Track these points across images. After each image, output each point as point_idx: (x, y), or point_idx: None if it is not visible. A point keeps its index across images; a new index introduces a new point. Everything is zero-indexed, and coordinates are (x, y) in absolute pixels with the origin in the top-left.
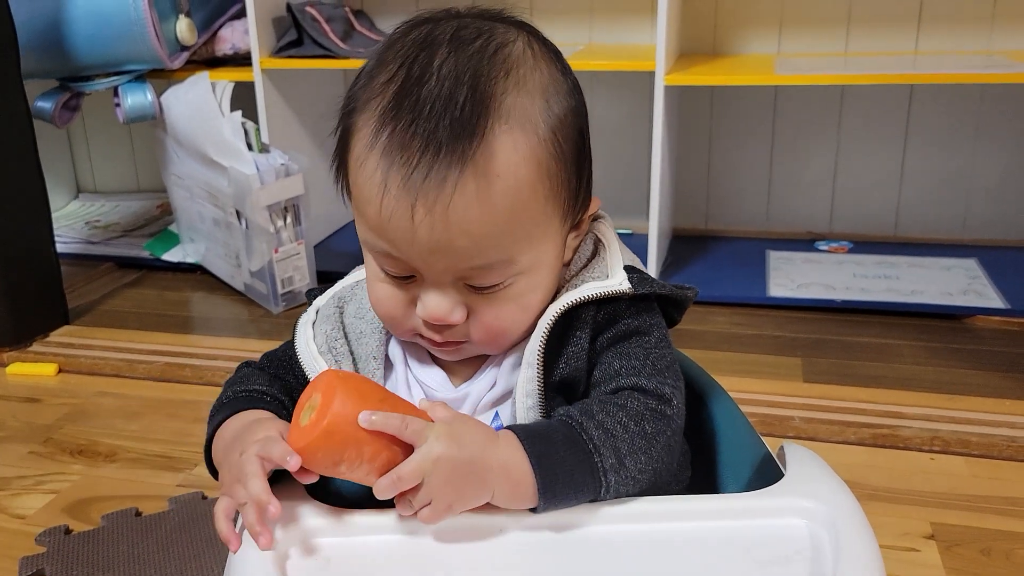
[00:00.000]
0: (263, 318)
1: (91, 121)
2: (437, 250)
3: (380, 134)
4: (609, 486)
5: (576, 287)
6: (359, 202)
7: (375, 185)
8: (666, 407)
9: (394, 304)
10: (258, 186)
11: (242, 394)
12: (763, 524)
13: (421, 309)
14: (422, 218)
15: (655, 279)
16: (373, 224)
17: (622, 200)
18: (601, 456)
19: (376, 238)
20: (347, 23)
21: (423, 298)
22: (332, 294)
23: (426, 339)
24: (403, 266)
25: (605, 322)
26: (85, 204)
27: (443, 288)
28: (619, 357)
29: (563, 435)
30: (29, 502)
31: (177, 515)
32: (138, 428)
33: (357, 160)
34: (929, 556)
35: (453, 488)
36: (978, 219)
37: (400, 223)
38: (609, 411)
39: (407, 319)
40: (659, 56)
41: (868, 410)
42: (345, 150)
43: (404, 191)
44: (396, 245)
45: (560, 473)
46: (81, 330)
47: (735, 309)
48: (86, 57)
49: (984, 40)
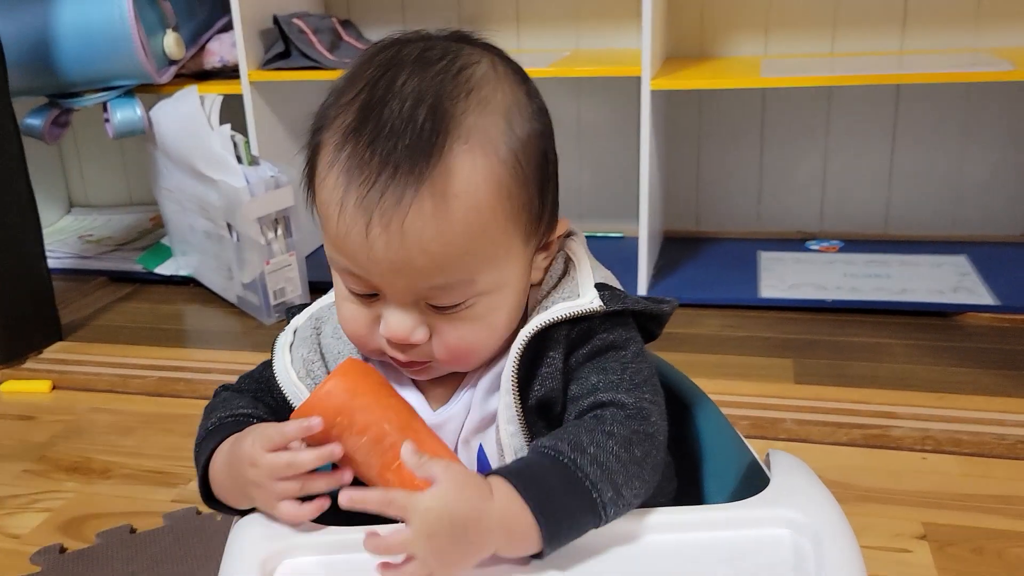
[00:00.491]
0: (256, 330)
1: (83, 136)
2: (395, 268)
3: (341, 152)
4: (609, 517)
5: (546, 308)
6: (322, 218)
7: (334, 202)
8: (647, 425)
9: (359, 323)
10: (248, 198)
11: (228, 419)
12: (746, 535)
13: (383, 328)
14: (378, 235)
15: (628, 295)
16: (333, 240)
17: (613, 204)
18: (599, 492)
19: (337, 254)
20: (334, 34)
21: (385, 317)
22: (310, 314)
23: (392, 358)
24: (365, 283)
25: (579, 339)
26: (78, 218)
27: (405, 307)
28: (596, 372)
29: (559, 477)
30: (24, 521)
31: (171, 531)
32: (132, 444)
33: (320, 176)
34: (921, 556)
35: (450, 559)
36: (967, 216)
37: (357, 239)
38: (598, 441)
39: (372, 338)
40: (645, 61)
41: (860, 411)
42: (312, 167)
43: (360, 208)
44: (355, 262)
45: (563, 519)
46: (75, 346)
47: (726, 311)
48: (74, 73)
49: (969, 38)
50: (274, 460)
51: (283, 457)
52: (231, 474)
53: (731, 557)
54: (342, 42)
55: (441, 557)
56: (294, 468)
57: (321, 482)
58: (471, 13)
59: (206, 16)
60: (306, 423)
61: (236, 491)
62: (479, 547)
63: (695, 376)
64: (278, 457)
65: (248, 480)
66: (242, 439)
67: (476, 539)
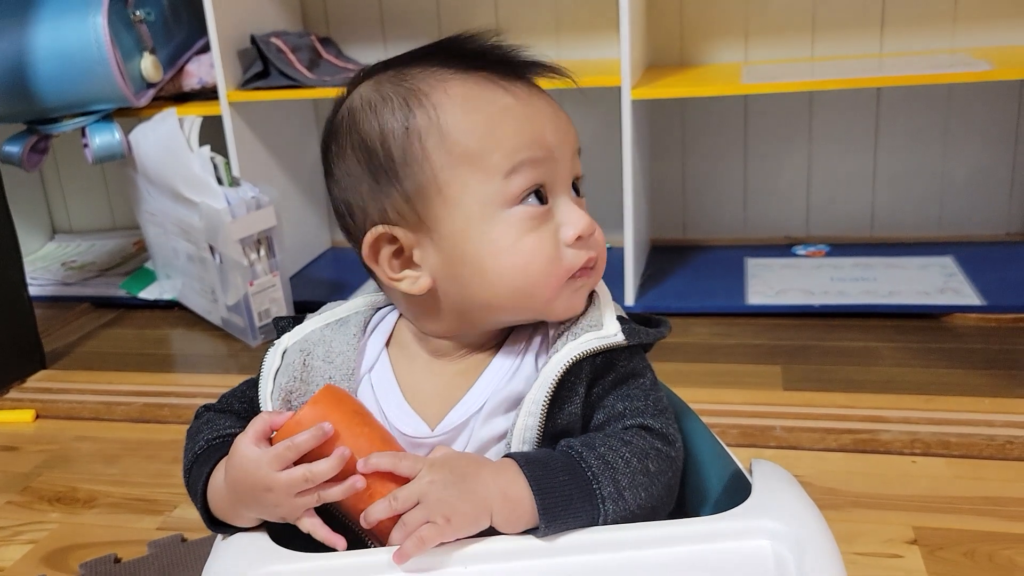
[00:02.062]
0: (242, 352)
1: (64, 162)
2: (566, 130)
3: (468, 79)
4: (607, 515)
5: (576, 336)
6: (482, 133)
7: (501, 104)
8: (670, 448)
9: (545, 251)
10: (229, 220)
11: (217, 441)
12: (728, 547)
13: (569, 227)
14: (556, 111)
15: (640, 328)
16: (514, 139)
17: (598, 214)
18: (599, 484)
19: (516, 153)
20: (313, 52)
21: (564, 218)
22: (302, 337)
23: (579, 272)
24: (545, 168)
25: (602, 367)
26: (61, 245)
27: (569, 200)
28: (621, 399)
29: (562, 463)
30: (7, 554)
31: (156, 560)
32: (117, 472)
33: (457, 114)
34: (913, 561)
35: (449, 505)
36: (952, 216)
37: (547, 113)
38: (611, 445)
39: (558, 261)
40: (624, 70)
41: (848, 416)
42: (431, 119)
43: (532, 94)
44: (542, 140)
45: (559, 497)
46: (58, 374)
47: (714, 319)
48: (51, 99)
49: (947, 39)
50: (290, 477)
51: (298, 472)
52: (235, 496)
53: (713, 570)
54: (321, 60)
55: (439, 503)
56: (311, 481)
57: (337, 489)
58: (451, 28)
59: (183, 38)
60: (319, 429)
61: (241, 512)
62: (476, 501)
63: (684, 386)
64: (292, 474)
65: (267, 503)
66: (236, 462)
67: (475, 490)
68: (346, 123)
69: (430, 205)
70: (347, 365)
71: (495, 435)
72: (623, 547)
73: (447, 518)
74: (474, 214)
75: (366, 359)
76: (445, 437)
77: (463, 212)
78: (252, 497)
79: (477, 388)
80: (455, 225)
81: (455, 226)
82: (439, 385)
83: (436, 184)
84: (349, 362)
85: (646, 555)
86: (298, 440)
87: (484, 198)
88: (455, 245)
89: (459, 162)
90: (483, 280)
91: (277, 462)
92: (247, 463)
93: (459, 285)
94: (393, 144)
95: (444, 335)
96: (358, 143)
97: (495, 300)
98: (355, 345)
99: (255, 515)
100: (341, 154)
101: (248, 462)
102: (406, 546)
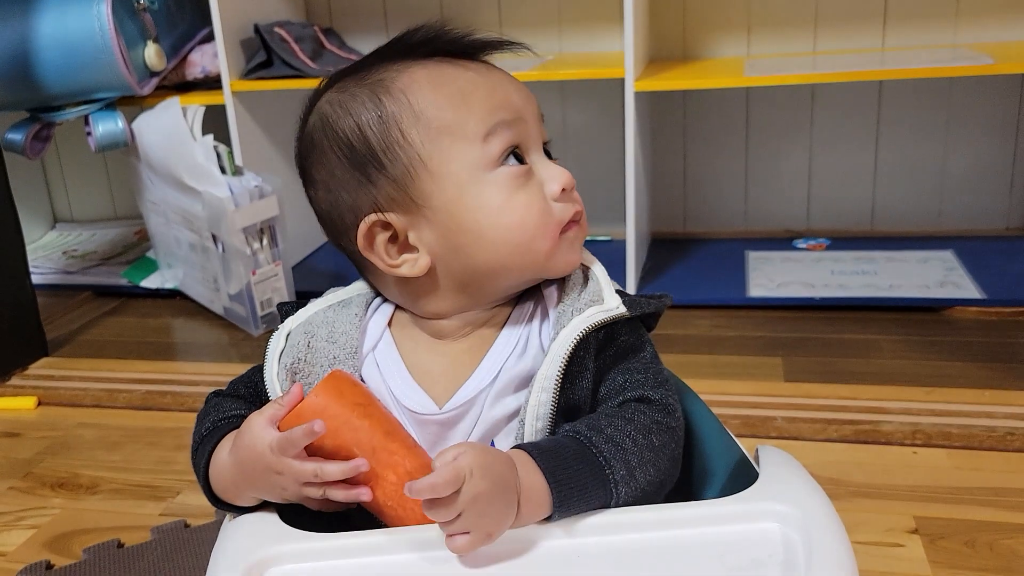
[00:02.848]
0: (243, 341)
1: (66, 150)
2: (528, 95)
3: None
4: (620, 497)
5: (580, 311)
6: (459, 110)
7: (469, 82)
8: (670, 419)
9: (535, 207)
10: (232, 209)
11: (222, 422)
12: (736, 529)
13: (552, 181)
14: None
15: (638, 298)
16: (488, 107)
17: (600, 207)
18: (612, 468)
19: (491, 117)
20: (316, 42)
21: (546, 173)
22: (305, 319)
23: (570, 223)
24: (518, 129)
25: (605, 342)
26: (63, 234)
27: (544, 157)
28: (622, 373)
29: (573, 450)
30: (10, 538)
31: (160, 545)
32: (119, 458)
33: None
34: (914, 551)
35: (491, 518)
36: (953, 210)
37: (508, 86)
38: (617, 425)
39: (549, 214)
40: (628, 63)
41: (849, 407)
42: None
43: (490, 71)
44: (511, 103)
45: (574, 487)
46: (60, 361)
47: (716, 311)
48: (55, 87)
49: (949, 34)
50: (301, 468)
51: (309, 468)
52: (242, 475)
53: (721, 552)
54: (324, 50)
55: (488, 522)
56: (320, 478)
57: (341, 492)
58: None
59: (187, 27)
60: (310, 427)
61: (247, 490)
62: (511, 508)
63: (686, 377)
64: (304, 466)
65: (275, 484)
66: (247, 442)
67: (510, 499)
68: (320, 129)
69: (419, 182)
70: (350, 344)
71: (507, 414)
72: (631, 529)
73: (489, 534)
74: (463, 180)
75: (369, 337)
76: (453, 414)
77: (452, 181)
78: (261, 476)
79: (485, 365)
80: (446, 195)
81: (447, 196)
82: (445, 364)
83: (420, 161)
84: (352, 341)
85: (655, 537)
86: (293, 435)
87: (468, 164)
88: (451, 215)
89: (438, 135)
90: (484, 243)
91: (280, 448)
92: (258, 444)
93: (461, 255)
94: (371, 135)
95: (446, 314)
96: (337, 143)
97: (498, 262)
98: (357, 324)
99: (259, 495)
100: (321, 159)
101: (260, 442)
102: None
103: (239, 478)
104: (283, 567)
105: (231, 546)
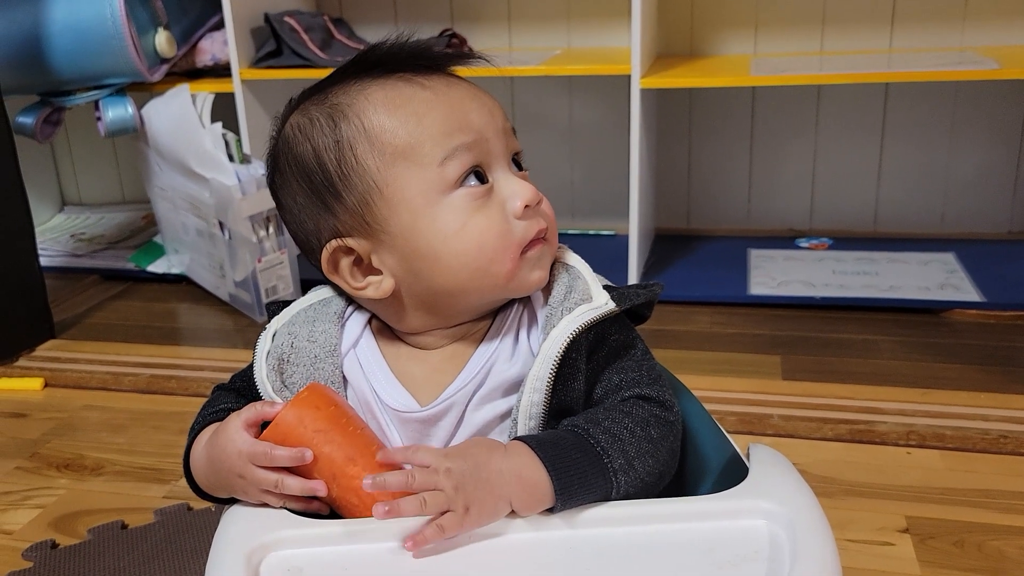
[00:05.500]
0: (248, 328)
1: (75, 134)
2: (494, 112)
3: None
4: (620, 486)
5: (570, 310)
6: (413, 141)
7: (427, 100)
8: (668, 414)
9: (494, 228)
10: (240, 196)
11: (211, 416)
12: (724, 526)
13: (515, 198)
14: (476, 94)
15: (627, 289)
16: (446, 128)
17: (604, 202)
18: (610, 457)
19: (450, 139)
20: (326, 32)
21: (508, 190)
22: (288, 319)
23: (533, 242)
24: (478, 150)
25: (596, 341)
26: (70, 217)
27: (510, 173)
28: (617, 372)
29: (571, 441)
30: (16, 517)
31: (163, 527)
32: (124, 441)
33: (377, 119)
34: (903, 550)
35: (468, 494)
36: (955, 213)
37: (471, 104)
38: (615, 418)
39: (509, 235)
40: (634, 59)
41: (845, 406)
42: (352, 146)
43: (454, 86)
44: (470, 124)
45: (574, 475)
46: (67, 344)
47: (716, 308)
48: (66, 72)
49: (956, 37)
50: (264, 476)
51: (271, 478)
52: (212, 471)
53: (709, 548)
54: (334, 40)
55: (464, 495)
56: (279, 489)
57: (299, 504)
58: (463, 12)
59: (198, 14)
60: (299, 453)
61: (217, 486)
62: (492, 489)
63: (684, 373)
64: (266, 476)
65: (236, 486)
66: (221, 441)
67: (489, 478)
68: (282, 153)
69: (375, 209)
70: (329, 343)
71: (497, 415)
72: (619, 524)
73: (466, 507)
74: (418, 206)
75: (349, 335)
76: (436, 411)
77: (407, 207)
78: (225, 475)
79: (469, 368)
80: (402, 222)
81: (403, 223)
82: (427, 371)
83: (375, 187)
84: (331, 339)
85: (643, 531)
86: (276, 454)
87: (424, 189)
88: (407, 241)
89: (392, 161)
90: (441, 268)
91: (253, 458)
92: (229, 445)
93: (422, 278)
94: (328, 161)
95: (419, 331)
96: (296, 169)
97: (457, 285)
98: (336, 323)
99: (224, 492)
100: (285, 184)
101: (231, 444)
102: (426, 533)
103: (210, 471)
104: (284, 552)
105: (233, 530)
